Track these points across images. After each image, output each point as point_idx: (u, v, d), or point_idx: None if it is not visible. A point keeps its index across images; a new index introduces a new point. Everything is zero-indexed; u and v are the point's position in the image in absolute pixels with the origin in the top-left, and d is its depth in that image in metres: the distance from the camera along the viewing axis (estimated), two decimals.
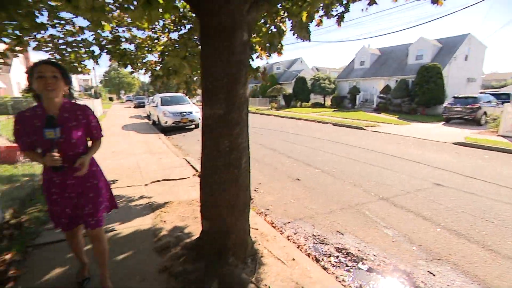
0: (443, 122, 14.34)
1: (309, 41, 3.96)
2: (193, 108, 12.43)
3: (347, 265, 2.73)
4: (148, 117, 16.81)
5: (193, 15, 3.67)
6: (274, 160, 6.71)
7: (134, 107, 31.86)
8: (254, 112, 22.78)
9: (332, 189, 4.64)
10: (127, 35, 5.24)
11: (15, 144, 6.05)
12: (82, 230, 2.12)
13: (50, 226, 3.10)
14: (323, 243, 3.09)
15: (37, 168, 5.09)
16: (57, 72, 1.74)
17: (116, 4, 3.35)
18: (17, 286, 2.21)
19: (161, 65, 5.21)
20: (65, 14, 3.94)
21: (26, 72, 1.79)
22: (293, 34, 3.91)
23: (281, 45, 4.40)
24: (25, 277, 2.33)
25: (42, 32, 3.89)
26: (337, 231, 3.34)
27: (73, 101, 1.93)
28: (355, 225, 3.47)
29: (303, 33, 3.54)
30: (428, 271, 2.61)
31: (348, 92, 25.32)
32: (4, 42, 3.47)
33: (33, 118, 1.75)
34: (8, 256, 2.50)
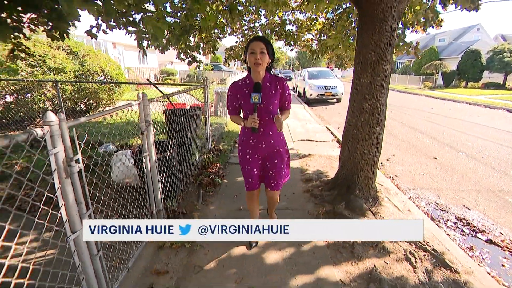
0: None
1: (476, 10, 3.73)
2: (338, 83, 12.73)
3: (463, 231, 2.98)
4: (294, 89, 18.52)
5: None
6: (413, 138, 6.67)
7: None
8: (402, 91, 20.80)
9: (473, 173, 4.48)
10: (291, 18, 6.41)
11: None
12: (258, 198, 2.42)
13: (235, 155, 4.79)
14: (443, 210, 3.39)
15: (221, 120, 7.26)
16: (264, 48, 1.91)
17: None
18: (223, 181, 3.83)
19: (316, 42, 6.14)
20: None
21: (245, 48, 2.04)
22: (456, 7, 3.83)
23: (439, 18, 4.39)
24: (227, 177, 3.96)
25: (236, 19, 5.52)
26: (464, 205, 3.50)
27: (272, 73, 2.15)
28: (487, 206, 3.47)
29: (467, 3, 3.42)
30: None
31: None
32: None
33: (243, 86, 2.07)
34: (218, 165, 4.23)
